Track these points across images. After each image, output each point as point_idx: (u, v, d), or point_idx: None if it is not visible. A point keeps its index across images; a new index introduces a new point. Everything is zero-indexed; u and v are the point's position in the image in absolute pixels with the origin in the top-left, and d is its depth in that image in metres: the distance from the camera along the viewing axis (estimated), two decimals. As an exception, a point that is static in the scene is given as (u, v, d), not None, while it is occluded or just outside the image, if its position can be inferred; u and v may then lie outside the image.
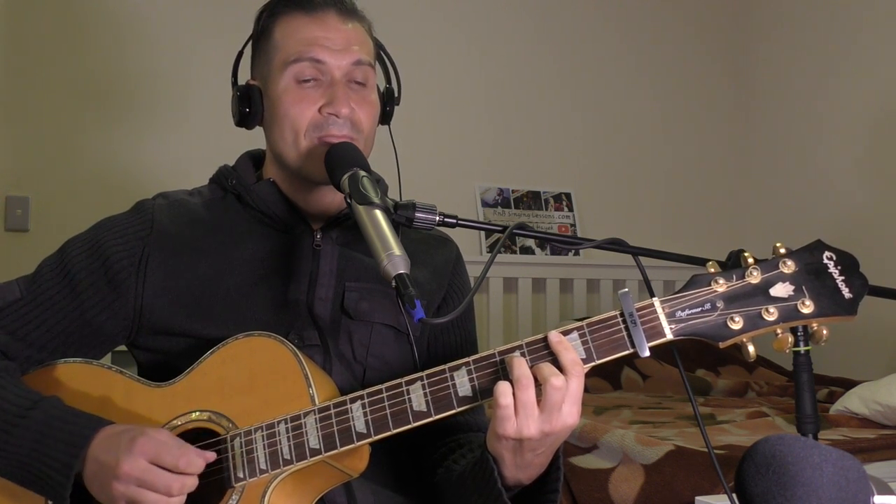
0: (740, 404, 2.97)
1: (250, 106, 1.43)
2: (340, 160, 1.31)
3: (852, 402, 2.57)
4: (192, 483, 1.16)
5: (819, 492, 1.01)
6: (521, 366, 1.12)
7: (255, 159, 1.50)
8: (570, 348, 1.13)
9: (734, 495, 1.10)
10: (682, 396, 3.13)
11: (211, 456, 1.19)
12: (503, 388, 1.11)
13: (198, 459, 1.16)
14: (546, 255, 3.82)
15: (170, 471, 1.15)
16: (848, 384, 2.99)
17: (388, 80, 1.50)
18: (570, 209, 3.91)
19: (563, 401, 1.11)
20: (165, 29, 3.27)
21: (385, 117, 1.49)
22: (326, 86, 1.38)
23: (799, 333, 1.12)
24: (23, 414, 1.22)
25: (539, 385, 1.11)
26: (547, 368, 1.12)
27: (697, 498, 1.86)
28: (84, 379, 1.32)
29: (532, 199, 3.85)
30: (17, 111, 3.08)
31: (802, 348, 1.12)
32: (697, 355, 3.46)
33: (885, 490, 1.08)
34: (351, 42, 1.40)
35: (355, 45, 1.41)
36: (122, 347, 1.44)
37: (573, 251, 3.82)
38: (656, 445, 2.13)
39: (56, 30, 3.13)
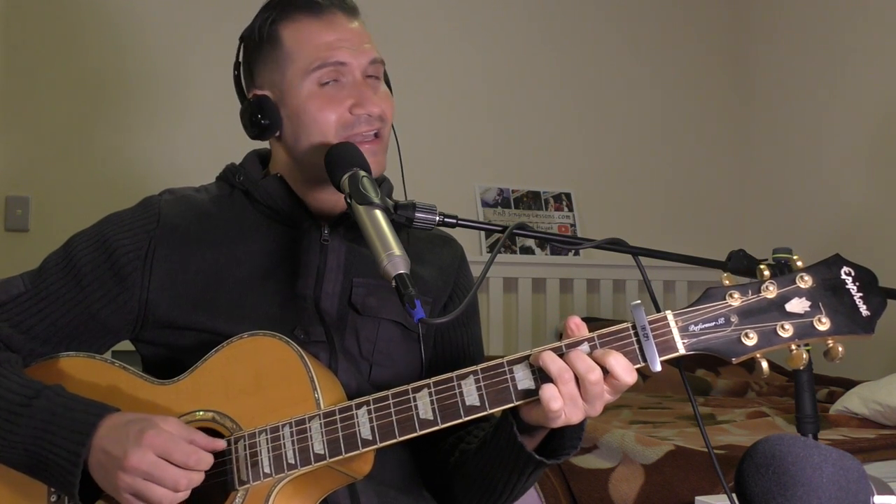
0: (740, 404, 2.97)
1: (268, 118, 1.41)
2: (340, 160, 1.31)
3: (852, 402, 2.57)
4: (198, 479, 1.16)
5: (819, 492, 1.01)
6: (555, 360, 1.12)
7: (261, 157, 1.50)
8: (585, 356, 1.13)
9: (734, 495, 1.10)
10: (682, 396, 3.13)
11: (221, 444, 1.19)
12: (551, 392, 1.10)
13: (207, 457, 1.17)
14: (546, 255, 3.82)
15: (178, 466, 1.15)
16: (848, 384, 2.99)
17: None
18: (570, 209, 3.91)
19: (603, 391, 1.12)
20: (164, 28, 3.27)
21: None
22: (350, 86, 1.38)
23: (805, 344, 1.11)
24: (26, 403, 1.22)
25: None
26: (581, 363, 1.11)
27: (697, 498, 1.86)
28: (87, 373, 1.32)
29: (532, 199, 3.85)
30: (17, 111, 3.08)
31: (802, 349, 1.12)
32: (697, 355, 3.45)
33: (885, 490, 1.08)
34: (363, 40, 1.42)
35: (367, 42, 1.42)
36: (125, 345, 1.44)
37: (573, 251, 3.82)
38: (656, 445, 2.13)
39: (56, 30, 3.13)
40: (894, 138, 3.62)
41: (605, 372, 1.11)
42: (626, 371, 1.11)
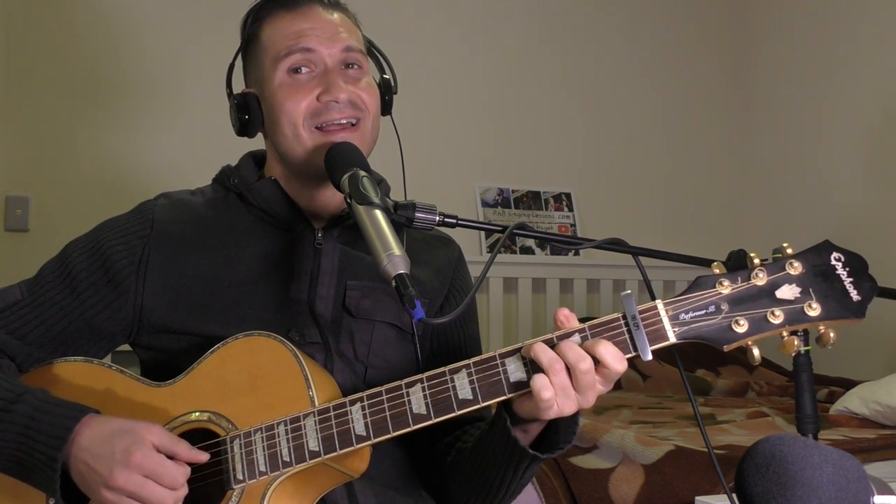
0: (740, 404, 2.97)
1: (249, 113, 1.42)
2: (340, 160, 1.31)
3: (852, 402, 2.57)
4: (183, 493, 1.16)
5: (819, 492, 1.01)
6: (545, 351, 1.11)
7: (256, 159, 1.50)
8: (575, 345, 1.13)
9: (734, 495, 1.09)
10: (682, 396, 3.13)
11: (203, 457, 1.19)
12: (542, 381, 1.10)
13: (186, 470, 1.17)
14: (546, 255, 3.82)
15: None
16: (848, 384, 2.99)
17: (383, 71, 1.50)
18: (570, 209, 3.91)
19: (595, 380, 1.11)
20: (163, 29, 3.27)
21: (385, 107, 1.49)
22: (320, 75, 1.38)
23: (799, 334, 1.11)
24: (7, 408, 1.22)
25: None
26: (571, 353, 1.11)
27: (697, 498, 1.86)
28: (84, 378, 1.32)
29: (532, 199, 3.85)
30: (16, 111, 3.08)
31: (803, 348, 1.11)
32: (697, 355, 3.46)
33: (885, 490, 1.08)
34: (338, 30, 1.41)
35: (343, 32, 1.41)
36: (124, 347, 1.44)
37: (573, 251, 3.82)
38: (656, 445, 2.13)
39: (55, 30, 3.13)
40: (894, 138, 3.62)
41: (596, 362, 1.11)
42: (616, 359, 1.11)
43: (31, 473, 1.20)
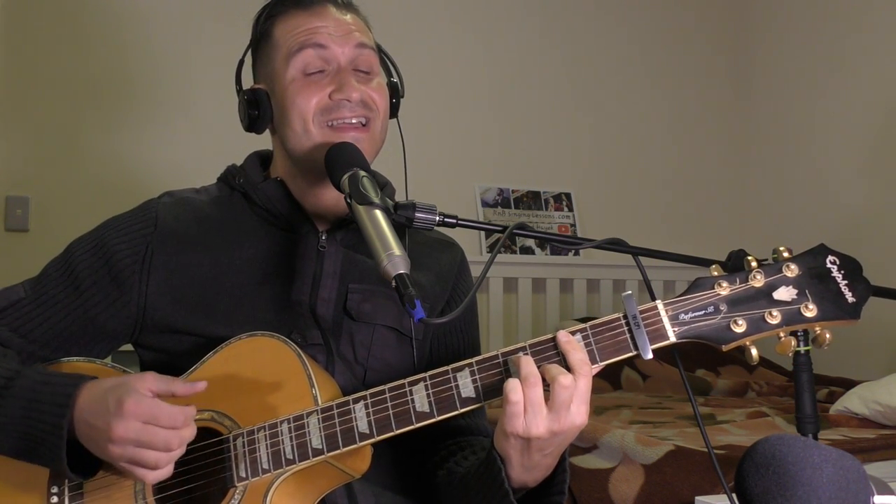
0: (740, 404, 2.98)
1: (259, 109, 1.42)
2: (340, 160, 1.31)
3: (852, 402, 2.57)
4: (189, 434, 1.15)
5: (819, 492, 1.01)
6: (528, 364, 1.12)
7: (262, 159, 1.50)
8: (578, 348, 1.13)
9: (734, 495, 1.10)
10: (682, 396, 3.13)
11: (202, 385, 1.18)
12: (513, 384, 1.10)
13: (191, 410, 1.15)
14: (546, 255, 3.82)
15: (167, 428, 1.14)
16: (848, 384, 2.99)
17: (390, 75, 1.51)
18: (570, 209, 3.91)
19: (571, 400, 1.11)
20: (166, 28, 3.27)
21: (392, 110, 1.49)
22: (333, 74, 1.38)
23: (799, 334, 1.13)
24: (7, 385, 1.22)
25: (546, 384, 1.11)
26: (555, 368, 1.11)
27: (697, 498, 1.86)
28: None
29: (532, 199, 3.85)
30: (17, 111, 3.08)
31: (802, 348, 1.13)
32: (697, 355, 3.46)
33: (885, 490, 1.08)
34: (351, 29, 1.42)
35: (356, 31, 1.42)
36: (125, 347, 1.44)
37: (573, 251, 3.83)
38: (656, 445, 2.13)
39: (56, 29, 3.13)
40: (894, 139, 3.62)
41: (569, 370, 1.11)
42: (581, 363, 1.12)
43: (35, 448, 1.19)
